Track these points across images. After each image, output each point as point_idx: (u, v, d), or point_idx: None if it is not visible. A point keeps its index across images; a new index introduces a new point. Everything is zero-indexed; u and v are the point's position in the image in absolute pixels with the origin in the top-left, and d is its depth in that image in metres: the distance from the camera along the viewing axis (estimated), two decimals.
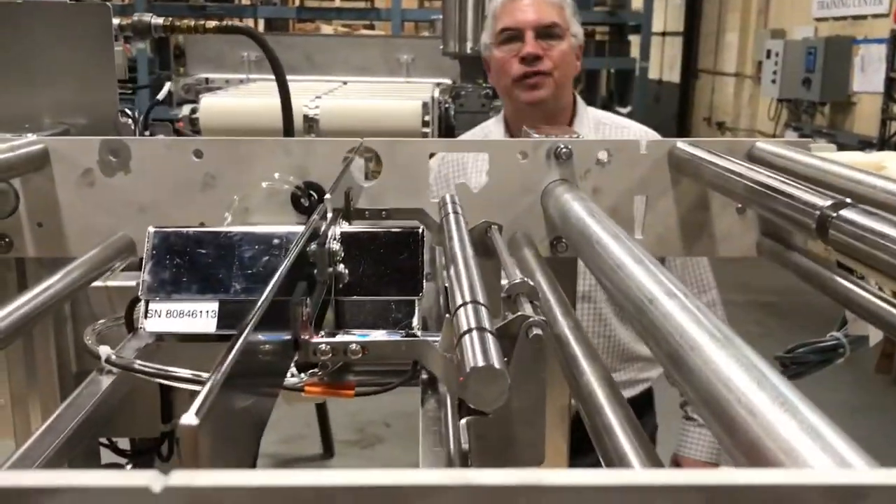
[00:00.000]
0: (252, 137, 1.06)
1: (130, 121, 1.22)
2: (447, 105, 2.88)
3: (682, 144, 1.05)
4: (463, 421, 0.55)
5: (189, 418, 0.28)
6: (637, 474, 0.24)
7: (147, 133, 1.23)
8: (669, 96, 10.96)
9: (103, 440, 1.18)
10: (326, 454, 3.77)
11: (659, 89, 11.16)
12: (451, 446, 0.51)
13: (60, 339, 1.22)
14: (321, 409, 2.35)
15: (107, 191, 1.05)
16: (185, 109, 2.79)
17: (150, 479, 0.24)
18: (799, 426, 0.41)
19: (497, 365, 0.44)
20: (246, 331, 0.40)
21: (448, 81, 3.62)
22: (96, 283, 1.15)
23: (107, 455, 1.01)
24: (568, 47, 1.83)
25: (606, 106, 8.61)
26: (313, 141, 1.07)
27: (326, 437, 3.74)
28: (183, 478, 0.24)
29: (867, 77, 6.85)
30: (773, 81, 7.53)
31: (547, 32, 1.80)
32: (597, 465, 0.51)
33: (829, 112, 7.53)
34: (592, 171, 1.05)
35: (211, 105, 2.80)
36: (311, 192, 1.05)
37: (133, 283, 1.16)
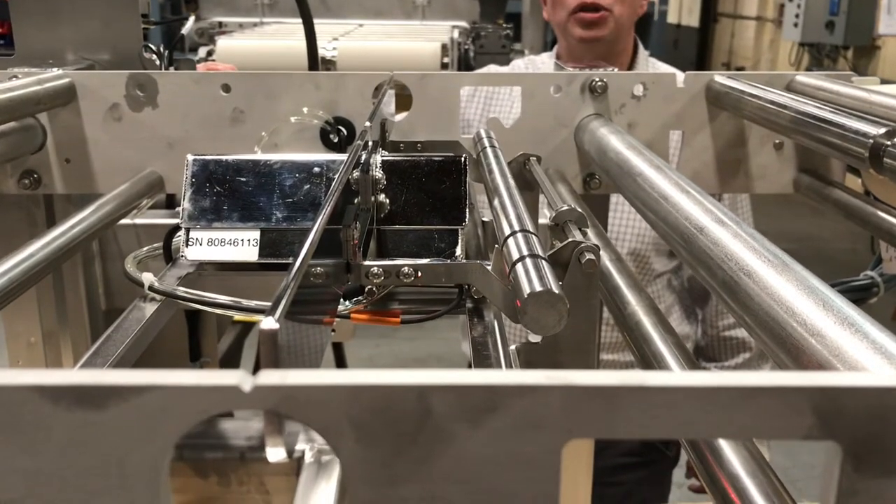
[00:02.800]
0: (281, 71, 1.04)
1: (155, 56, 1.21)
2: (466, 46, 2.83)
3: (720, 78, 1.02)
4: (512, 347, 0.54)
5: (269, 323, 0.27)
6: (745, 376, 0.23)
7: (172, 69, 1.22)
8: (688, 41, 10.76)
9: None
10: None
11: (678, 33, 10.95)
12: (503, 369, 0.51)
13: (89, 276, 1.22)
14: (339, 353, 2.37)
15: (134, 126, 1.04)
16: (202, 52, 2.76)
17: (239, 378, 0.23)
18: (869, 346, 0.40)
19: (555, 289, 0.43)
20: (305, 250, 0.39)
21: (465, 24, 3.56)
22: (124, 221, 1.14)
23: None
24: None
25: None
26: (343, 75, 1.05)
27: None
28: (272, 377, 0.23)
29: (894, 19, 6.69)
30: (796, 25, 7.37)
31: None
32: None
33: (851, 56, 7.37)
34: (628, 106, 1.03)
35: (228, 47, 2.76)
36: (340, 127, 1.04)
37: (161, 221, 1.16)
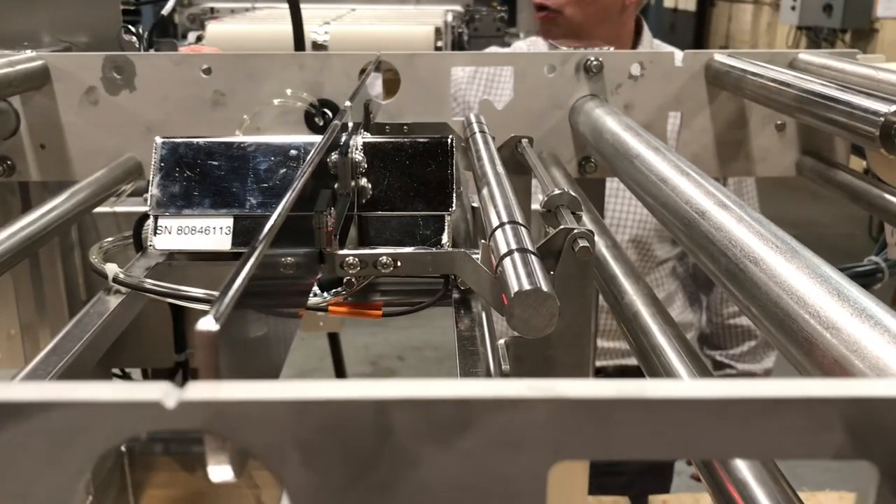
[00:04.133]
0: (263, 52, 1.00)
1: (135, 38, 1.16)
2: (460, 30, 2.79)
3: (719, 56, 0.98)
4: (501, 341, 0.51)
5: (207, 323, 0.23)
6: (763, 386, 0.20)
7: (153, 51, 1.18)
8: (685, 25, 10.67)
9: (116, 371, 1.16)
10: None
11: (674, 17, 10.88)
12: (492, 368, 0.47)
13: (68, 266, 1.18)
14: (334, 342, 2.34)
15: (111, 110, 1.00)
16: (191, 37, 2.71)
17: (162, 392, 0.20)
18: (891, 340, 0.36)
19: (545, 287, 0.39)
20: (265, 233, 0.35)
21: (458, 8, 3.50)
22: (104, 209, 1.11)
23: None
24: None
25: None
26: (328, 55, 1.01)
27: (340, 370, 3.75)
28: (202, 391, 0.20)
29: (893, 1, 6.64)
30: (793, 8, 7.30)
31: None
32: None
33: (849, 39, 7.31)
34: (624, 86, 0.99)
35: (217, 32, 2.70)
36: (326, 109, 1.00)
37: (143, 209, 1.12)
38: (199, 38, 2.65)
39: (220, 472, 0.23)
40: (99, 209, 1.02)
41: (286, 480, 0.20)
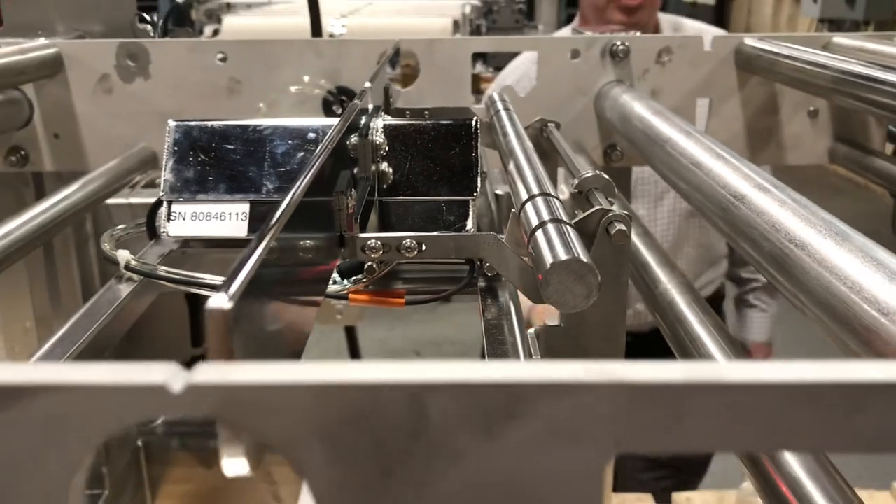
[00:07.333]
0: (280, 39, 0.98)
1: (149, 26, 1.15)
2: (478, 23, 2.76)
3: (750, 40, 0.95)
4: (531, 331, 0.48)
5: (219, 300, 0.21)
6: (860, 367, 0.17)
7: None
8: (704, 18, 10.57)
9: None
10: None
11: (693, 11, 10.78)
12: (522, 359, 0.44)
13: (83, 258, 1.17)
14: (351, 336, 2.32)
15: (126, 98, 0.98)
16: (208, 31, 2.70)
17: (167, 374, 0.17)
18: None
19: (583, 258, 0.36)
20: (284, 207, 0.33)
21: (476, 2, 3.48)
22: (119, 200, 1.09)
23: None
24: None
25: None
26: (346, 41, 0.98)
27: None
28: (212, 373, 0.17)
29: None
30: (815, 1, 7.21)
31: None
32: None
33: (872, 31, 7.21)
34: (651, 71, 0.96)
35: (234, 25, 2.70)
36: (344, 97, 0.97)
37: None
38: (215, 32, 2.64)
39: (233, 464, 0.20)
40: (114, 200, 1.00)
41: (308, 476, 0.18)
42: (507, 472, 0.18)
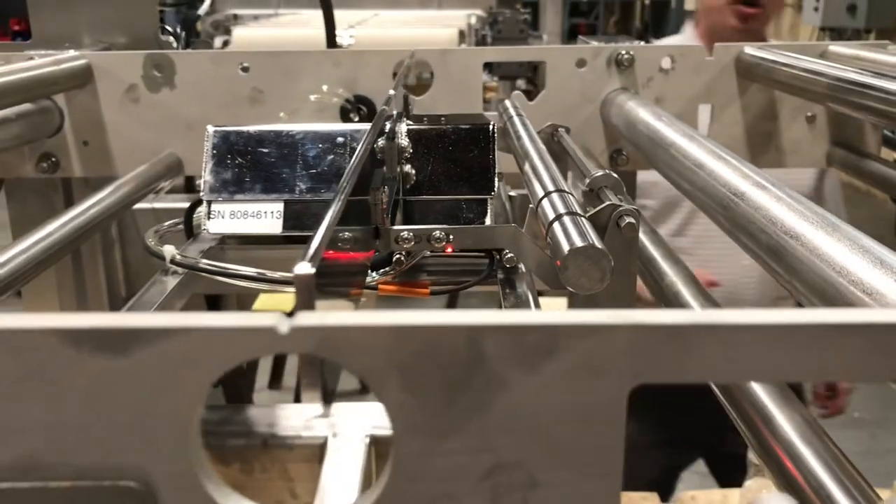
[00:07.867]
0: (299, 50, 1.02)
1: (172, 38, 1.19)
2: (484, 32, 2.81)
3: (750, 49, 0.99)
4: None
5: (303, 267, 0.25)
6: (827, 313, 0.21)
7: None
8: None
9: None
10: (364, 390, 3.79)
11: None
12: None
13: (109, 262, 1.21)
14: None
15: (152, 107, 1.02)
16: (217, 43, 2.75)
17: (275, 319, 0.21)
18: None
19: (598, 244, 0.41)
20: (332, 211, 0.37)
21: (480, 12, 3.53)
22: (144, 206, 1.13)
23: None
24: None
25: (641, 37, 8.37)
26: (362, 52, 1.03)
27: None
28: (311, 318, 0.21)
29: None
30: (816, 9, 7.26)
31: None
32: None
33: (874, 40, 7.26)
34: (655, 79, 1.00)
35: (244, 37, 2.74)
36: (361, 105, 1.02)
37: (181, 205, 1.14)
38: (225, 44, 2.69)
39: (312, 397, 0.25)
40: (138, 206, 1.05)
41: (387, 401, 0.22)
42: (546, 400, 0.22)
